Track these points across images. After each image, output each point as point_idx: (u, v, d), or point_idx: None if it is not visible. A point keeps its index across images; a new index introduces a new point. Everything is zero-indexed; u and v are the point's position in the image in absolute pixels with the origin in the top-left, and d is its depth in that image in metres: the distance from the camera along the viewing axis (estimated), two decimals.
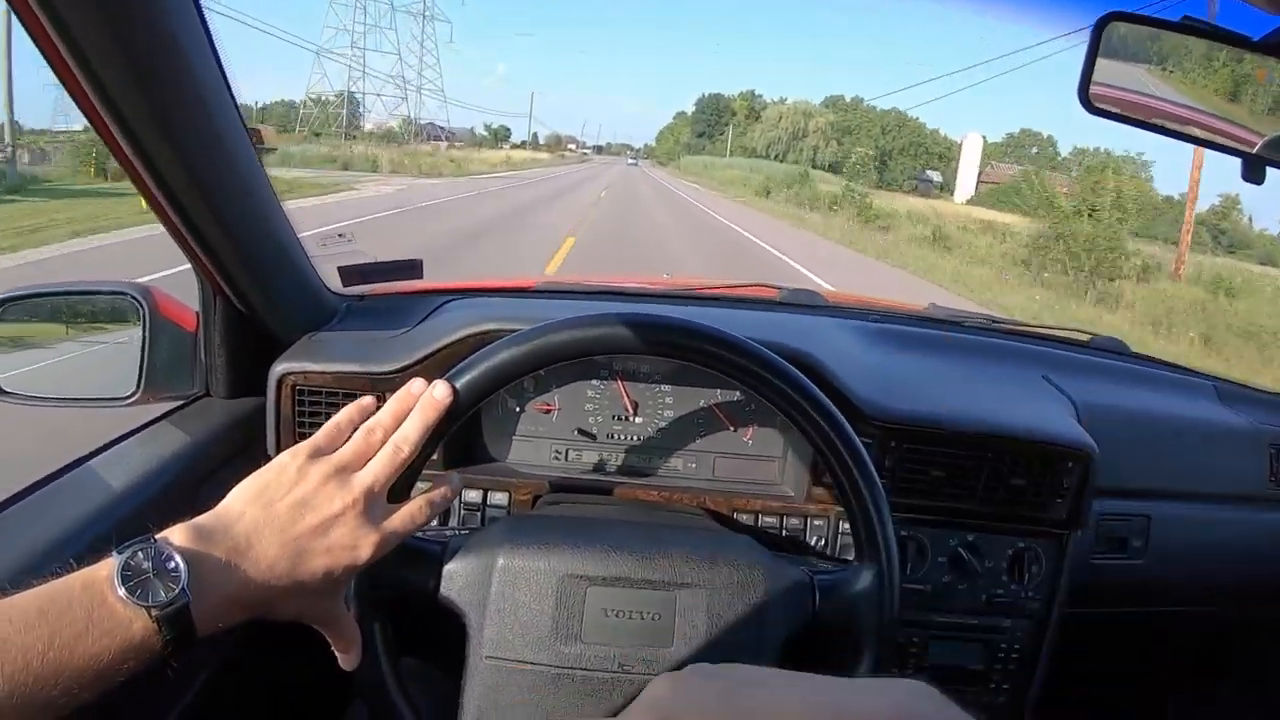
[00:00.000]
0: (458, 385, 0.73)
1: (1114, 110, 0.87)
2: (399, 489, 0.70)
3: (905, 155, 76.54)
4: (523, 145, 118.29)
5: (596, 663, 0.74)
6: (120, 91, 0.73)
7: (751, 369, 0.76)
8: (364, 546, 0.65)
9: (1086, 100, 0.84)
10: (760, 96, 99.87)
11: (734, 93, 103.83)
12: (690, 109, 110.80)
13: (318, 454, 0.67)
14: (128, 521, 0.93)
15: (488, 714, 0.74)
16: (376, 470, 0.67)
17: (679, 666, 0.73)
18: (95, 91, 0.72)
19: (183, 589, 0.55)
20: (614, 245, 13.82)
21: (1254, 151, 0.94)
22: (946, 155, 76.06)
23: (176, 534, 0.58)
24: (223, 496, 0.64)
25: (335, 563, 0.64)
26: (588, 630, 0.75)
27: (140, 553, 0.55)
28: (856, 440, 0.78)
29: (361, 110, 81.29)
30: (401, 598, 0.76)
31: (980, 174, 66.79)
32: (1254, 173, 0.94)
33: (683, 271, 10.59)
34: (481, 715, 0.74)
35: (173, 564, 0.55)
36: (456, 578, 0.77)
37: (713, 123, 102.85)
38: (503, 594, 0.75)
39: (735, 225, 22.18)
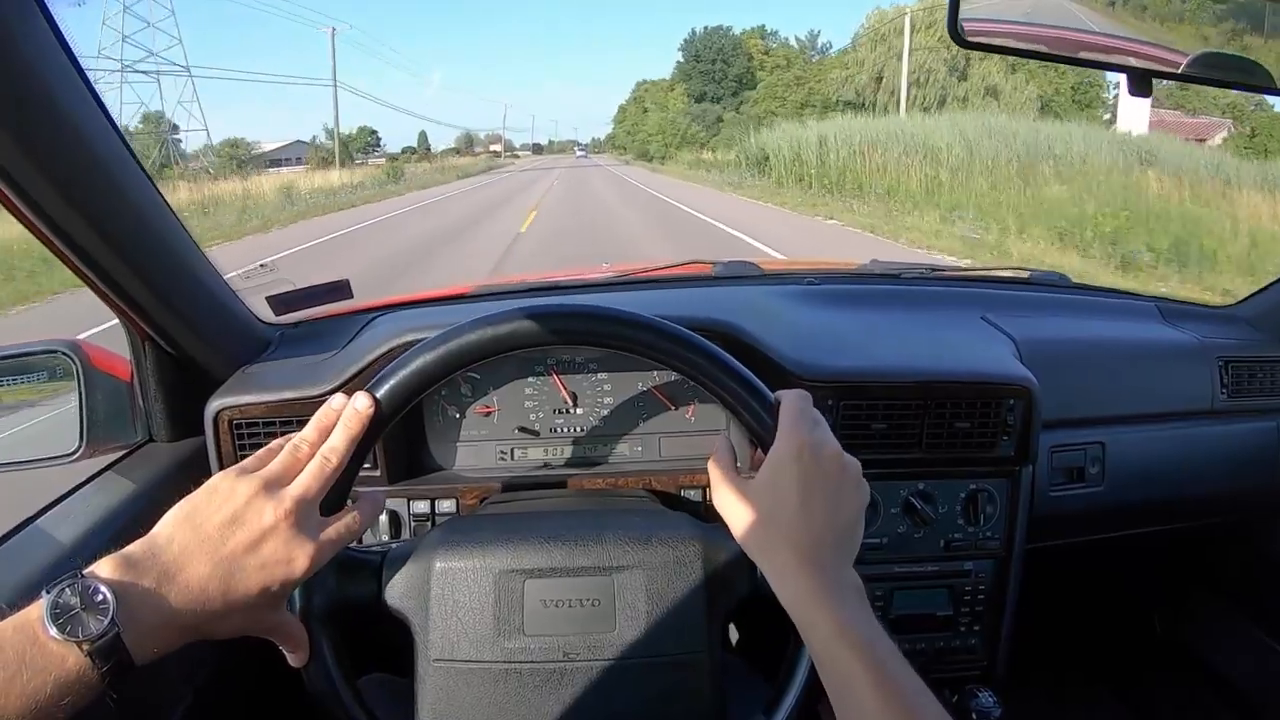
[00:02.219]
0: (377, 395, 0.73)
1: (987, 41, 0.87)
2: (331, 500, 0.70)
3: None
4: (400, 157, 79.31)
5: (541, 654, 0.75)
6: (12, 163, 0.73)
7: (643, 340, 0.76)
8: (299, 559, 0.65)
9: (957, 34, 0.84)
10: (775, 32, 64.54)
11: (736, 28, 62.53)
12: (675, 61, 66.84)
13: (246, 473, 0.67)
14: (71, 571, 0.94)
15: (442, 716, 0.75)
16: (306, 482, 0.68)
17: (624, 649, 0.75)
18: None
19: (112, 619, 0.55)
20: None
21: (1147, 67, 0.95)
22: None
23: (104, 566, 0.58)
24: None
25: (270, 578, 0.64)
26: (529, 623, 0.75)
27: (68, 589, 0.55)
28: (745, 372, 0.77)
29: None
30: (347, 610, 0.76)
31: None
32: (1140, 86, 0.95)
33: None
34: (436, 718, 0.75)
35: (100, 596, 0.56)
36: (397, 585, 0.77)
37: (720, 76, 60.78)
38: (443, 597, 0.76)
39: None
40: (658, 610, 0.76)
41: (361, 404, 0.72)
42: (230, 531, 0.63)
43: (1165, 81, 0.94)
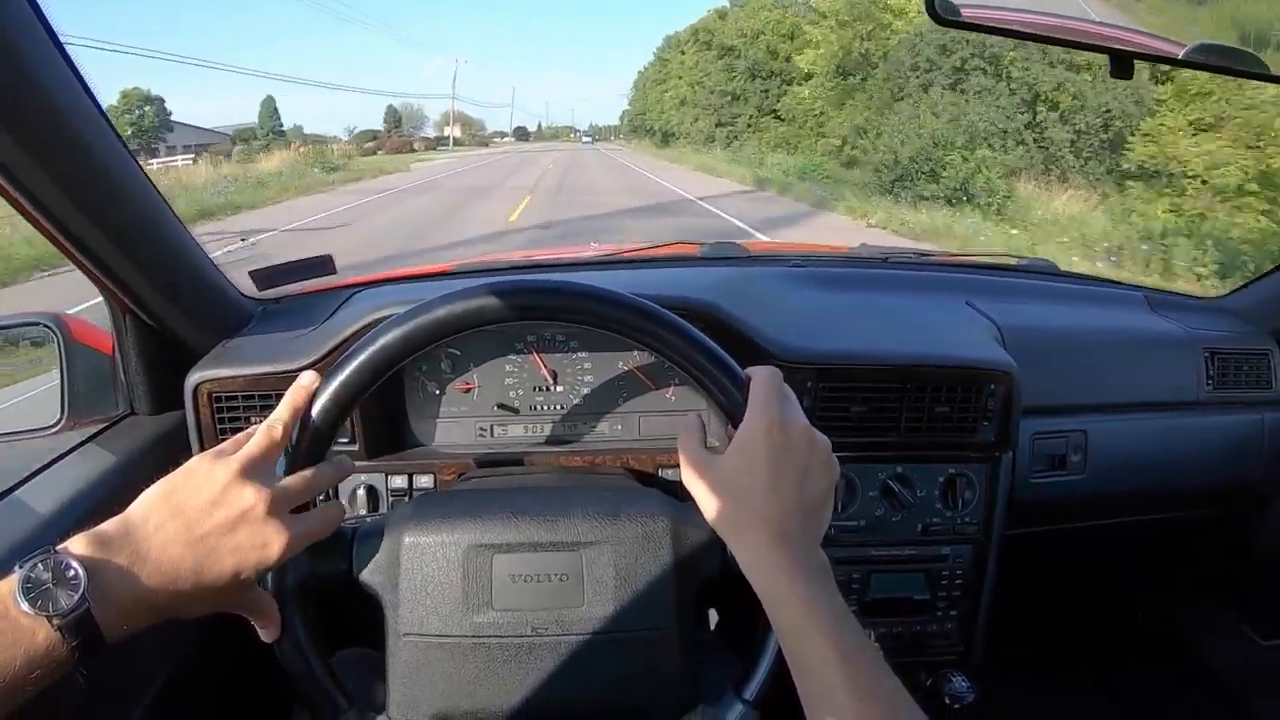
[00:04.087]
0: (342, 373, 0.73)
1: (964, 20, 0.86)
2: (300, 465, 0.72)
3: None
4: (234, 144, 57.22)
5: (510, 629, 0.75)
6: None
7: (612, 315, 0.76)
8: (274, 545, 0.66)
9: (934, 11, 0.83)
10: None
11: None
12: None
13: (224, 456, 0.67)
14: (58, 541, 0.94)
15: (413, 691, 0.75)
16: (293, 480, 0.69)
17: (592, 624, 0.75)
18: None
19: (82, 595, 0.56)
20: None
21: (1126, 50, 0.95)
22: None
23: (77, 543, 0.59)
24: None
25: (244, 562, 0.65)
26: (498, 598, 0.76)
27: (40, 564, 0.56)
28: (714, 348, 0.76)
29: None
30: (318, 585, 0.77)
31: None
32: (1122, 69, 0.94)
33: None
34: (407, 692, 0.75)
35: (72, 572, 0.56)
36: (367, 559, 0.77)
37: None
38: (412, 571, 0.76)
39: None
40: (626, 586, 0.76)
41: (306, 380, 0.74)
42: (207, 514, 0.64)
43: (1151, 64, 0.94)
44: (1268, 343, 1.46)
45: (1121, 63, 0.93)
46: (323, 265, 1.28)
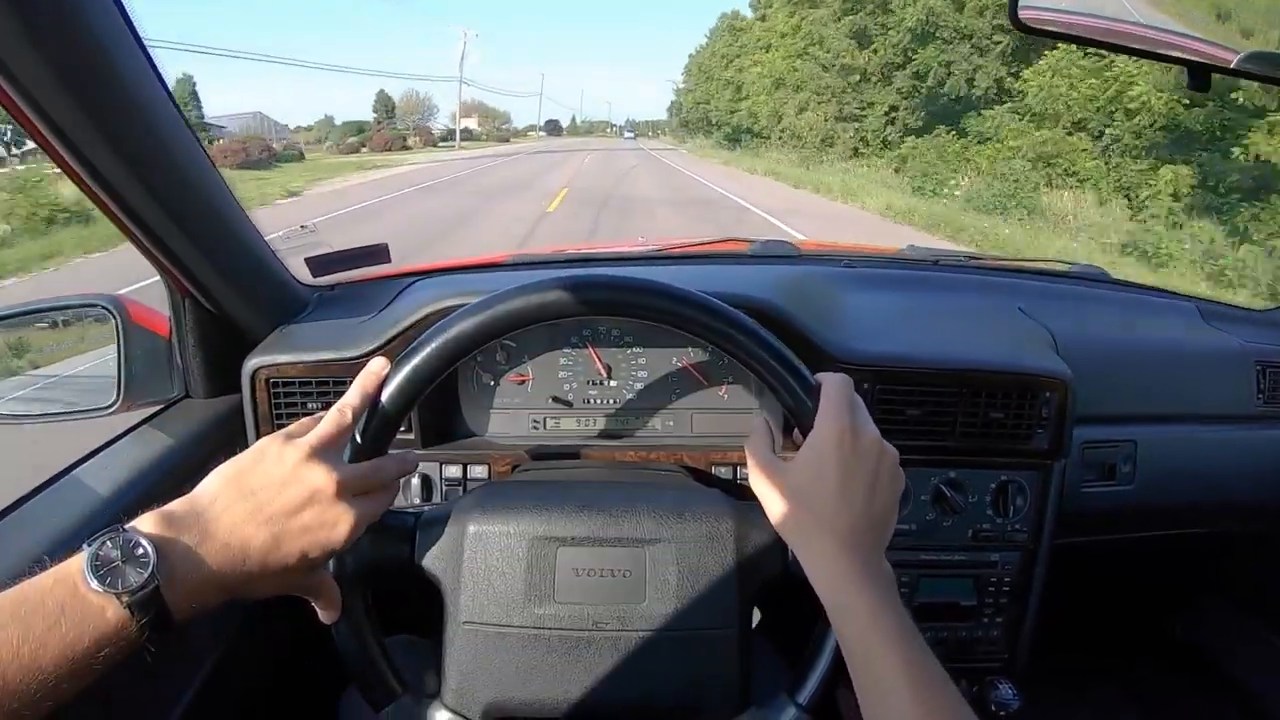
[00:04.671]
0: (413, 361, 0.74)
1: (1047, 28, 0.86)
2: (367, 455, 0.72)
3: None
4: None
5: (570, 622, 0.75)
6: (67, 119, 0.75)
7: (687, 315, 0.76)
8: (341, 526, 0.66)
9: (1017, 19, 0.83)
10: None
11: None
12: None
13: (294, 438, 0.68)
14: (115, 521, 0.95)
15: (469, 678, 0.75)
16: (359, 468, 0.69)
17: (652, 621, 0.75)
18: (42, 121, 0.74)
19: (152, 572, 0.56)
20: None
21: (1203, 61, 0.94)
22: None
23: (146, 522, 0.59)
24: None
25: (312, 543, 0.65)
26: (560, 590, 0.76)
27: (109, 542, 0.56)
28: (787, 353, 0.76)
29: None
30: (378, 571, 0.77)
31: None
32: (1199, 81, 0.93)
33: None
34: (463, 680, 0.76)
35: (141, 550, 0.56)
36: (430, 547, 0.78)
37: None
38: (475, 560, 0.76)
39: None
40: (688, 585, 0.76)
41: (376, 366, 0.74)
42: (276, 495, 0.64)
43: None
44: None
45: (1198, 76, 0.93)
46: (378, 254, 1.28)
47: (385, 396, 0.73)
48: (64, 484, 1.00)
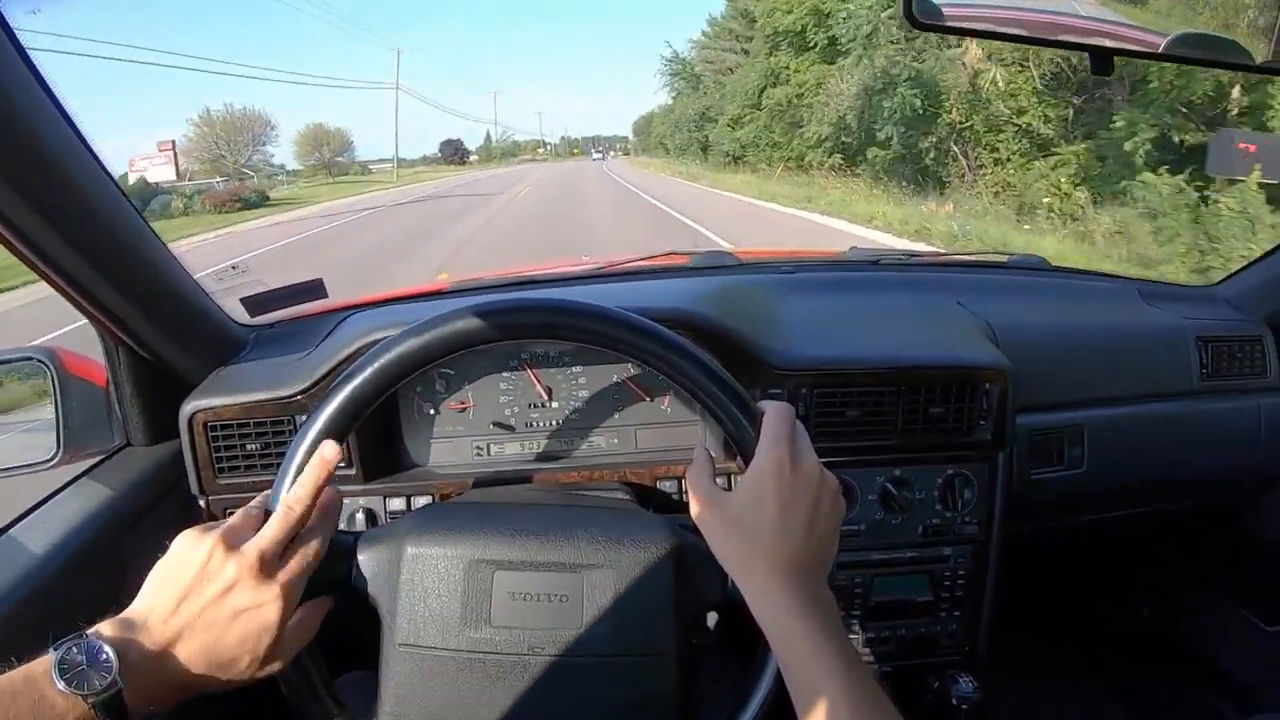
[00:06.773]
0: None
1: (942, 23, 0.87)
2: None
3: None
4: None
5: (506, 646, 0.75)
6: None
7: (626, 340, 0.76)
8: (269, 604, 0.66)
9: (911, 16, 0.84)
10: None
11: None
12: None
13: (208, 532, 0.68)
14: (54, 578, 0.94)
15: (404, 702, 0.75)
16: (269, 533, 0.69)
17: (589, 646, 0.75)
18: None
19: (114, 678, 0.59)
20: None
21: (1112, 46, 0.95)
22: None
23: (107, 627, 0.63)
24: (148, 544, 0.67)
25: (247, 627, 0.66)
26: (496, 614, 0.75)
27: (74, 647, 0.59)
28: (730, 380, 0.77)
29: None
30: (318, 589, 0.76)
31: None
32: (1102, 66, 0.95)
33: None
34: (399, 703, 0.75)
35: (104, 655, 0.60)
36: (368, 568, 0.77)
37: None
38: (412, 582, 0.76)
39: None
40: (625, 610, 0.75)
41: (329, 453, 0.73)
42: (199, 588, 0.65)
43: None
44: (1260, 329, 1.47)
45: (1101, 59, 0.94)
46: (313, 290, 1.28)
47: (314, 433, 0.74)
48: (2, 543, 0.98)
